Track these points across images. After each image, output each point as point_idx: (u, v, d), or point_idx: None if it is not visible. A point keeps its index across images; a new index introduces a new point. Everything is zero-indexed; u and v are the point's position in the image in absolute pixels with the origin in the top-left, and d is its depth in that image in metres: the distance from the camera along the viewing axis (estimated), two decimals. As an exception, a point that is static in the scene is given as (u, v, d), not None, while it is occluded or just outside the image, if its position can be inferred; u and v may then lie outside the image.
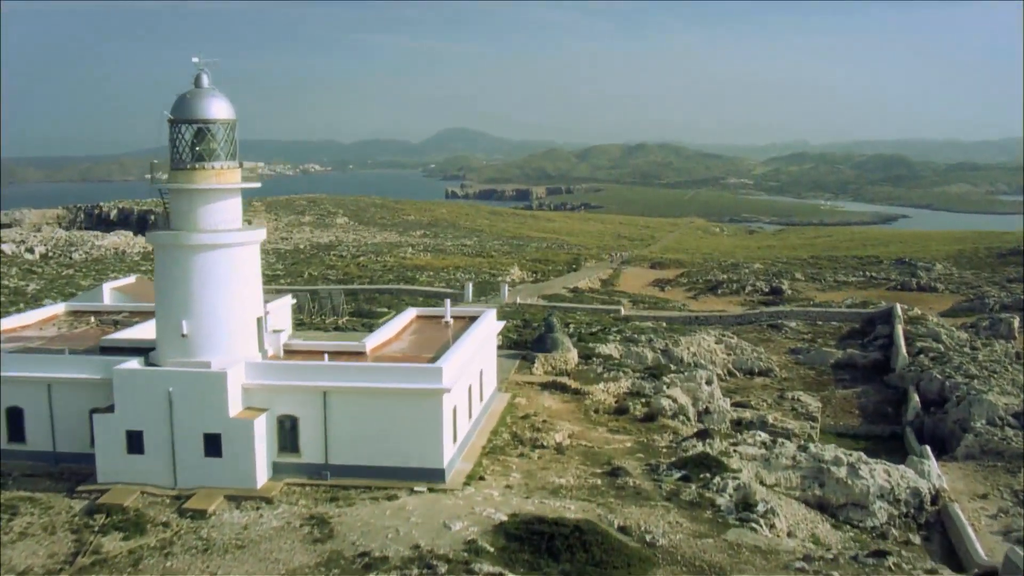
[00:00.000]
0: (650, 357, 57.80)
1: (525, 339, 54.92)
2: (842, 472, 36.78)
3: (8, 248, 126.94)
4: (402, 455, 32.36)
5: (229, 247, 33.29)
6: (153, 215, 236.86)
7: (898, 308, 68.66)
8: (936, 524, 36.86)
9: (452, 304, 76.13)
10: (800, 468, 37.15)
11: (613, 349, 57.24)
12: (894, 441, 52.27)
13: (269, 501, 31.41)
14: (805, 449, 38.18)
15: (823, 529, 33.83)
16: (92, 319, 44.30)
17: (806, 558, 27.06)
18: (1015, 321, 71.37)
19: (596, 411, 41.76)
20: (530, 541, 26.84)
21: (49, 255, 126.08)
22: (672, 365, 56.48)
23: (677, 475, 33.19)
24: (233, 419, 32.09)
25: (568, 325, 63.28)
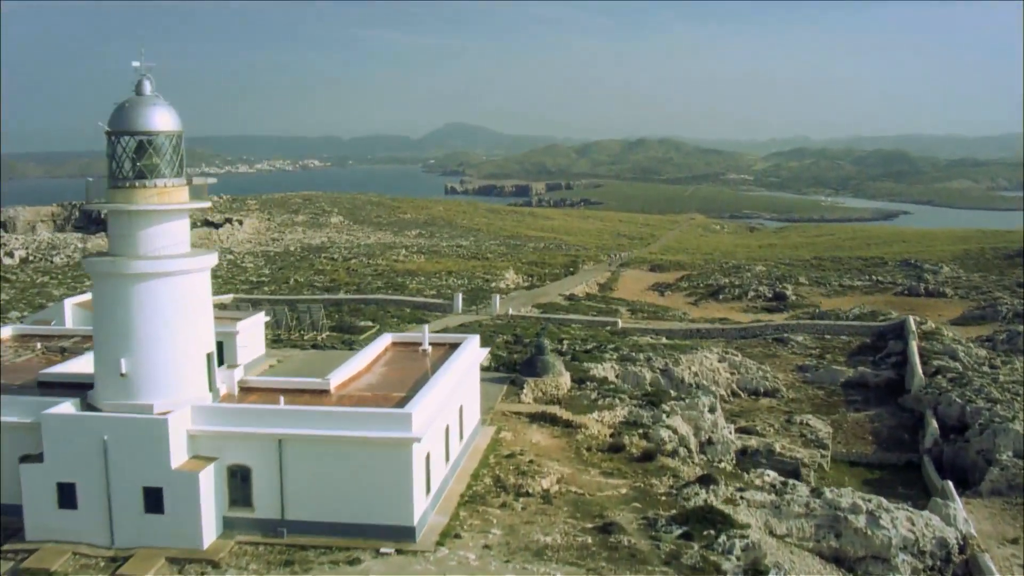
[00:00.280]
0: (649, 377, 54.17)
1: (515, 360, 51.20)
2: (861, 521, 33.14)
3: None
4: (367, 511, 28.68)
5: (174, 275, 29.55)
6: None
7: (911, 322, 64.88)
8: (964, 577, 33.28)
9: (441, 315, 72.92)
10: (814, 516, 33.49)
11: (609, 369, 53.58)
12: (910, 471, 48.65)
13: (216, 564, 27.74)
14: (819, 495, 34.49)
15: (841, 589, 30.27)
16: (39, 345, 40.58)
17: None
18: (1033, 333, 67.72)
19: (588, 448, 38.06)
20: (508, 623, 23.28)
21: (29, 259, 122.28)
22: (672, 390, 52.82)
23: (677, 532, 29.52)
24: (176, 471, 28.39)
25: (562, 341, 59.64)
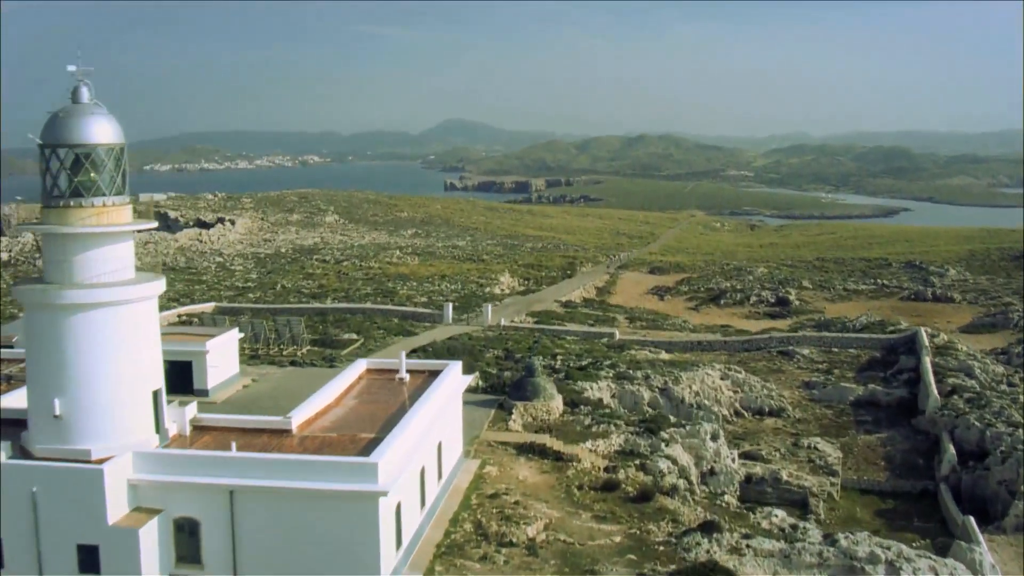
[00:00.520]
0: (647, 397, 51.04)
1: (505, 381, 48.06)
2: (879, 572, 30.01)
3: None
4: (330, 570, 25.55)
5: (115, 305, 26.43)
6: (137, 213, 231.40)
7: (923, 334, 61.67)
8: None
9: (430, 326, 69.73)
10: (827, 566, 30.37)
11: (605, 389, 50.43)
12: (926, 500, 45.53)
13: (158, 632, 24.70)
14: (833, 542, 31.36)
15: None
16: (-16, 371, 37.50)
17: None
18: (1050, 346, 64.60)
19: (580, 486, 34.89)
20: None
21: (13, 262, 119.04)
22: (672, 411, 49.76)
23: (677, 592, 26.41)
24: (113, 527, 25.27)
25: (555, 357, 56.51)
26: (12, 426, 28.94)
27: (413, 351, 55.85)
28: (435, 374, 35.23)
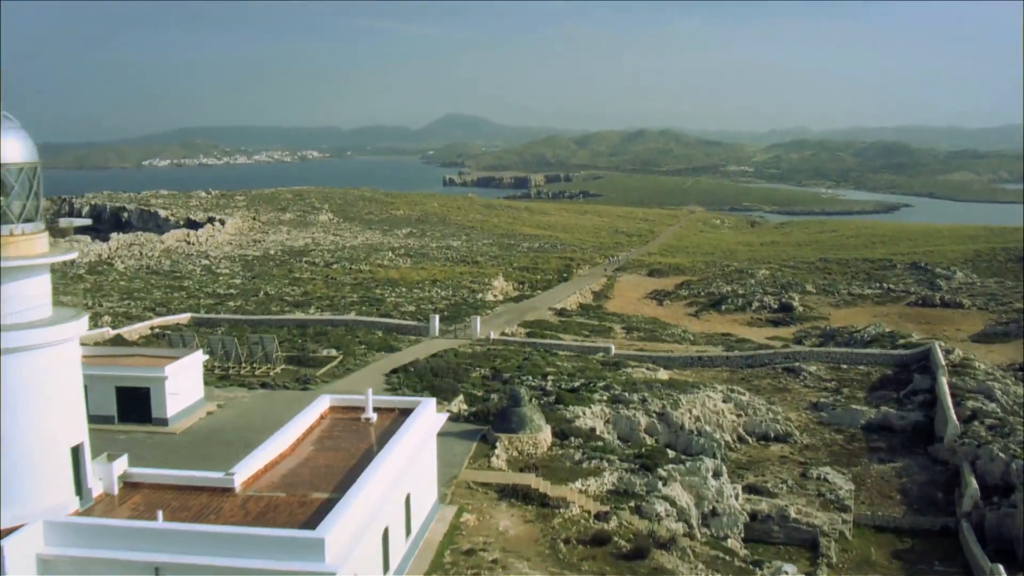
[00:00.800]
0: (644, 423, 47.44)
1: (490, 407, 44.46)
2: (905, 646, 26.45)
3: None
4: (271, 660, 22.00)
5: (25, 351, 22.83)
6: (127, 212, 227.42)
7: (938, 350, 57.97)
8: None
9: (415, 340, 66.03)
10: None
11: (598, 414, 46.86)
12: (947, 537, 41.98)
13: None
14: (852, 610, 27.80)
15: None
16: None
17: None
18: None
19: (567, 540, 31.27)
20: None
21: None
22: (671, 440, 46.26)
23: None
24: (17, 614, 21.72)
25: (546, 376, 52.89)
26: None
27: (394, 371, 52.34)
28: (406, 413, 31.64)
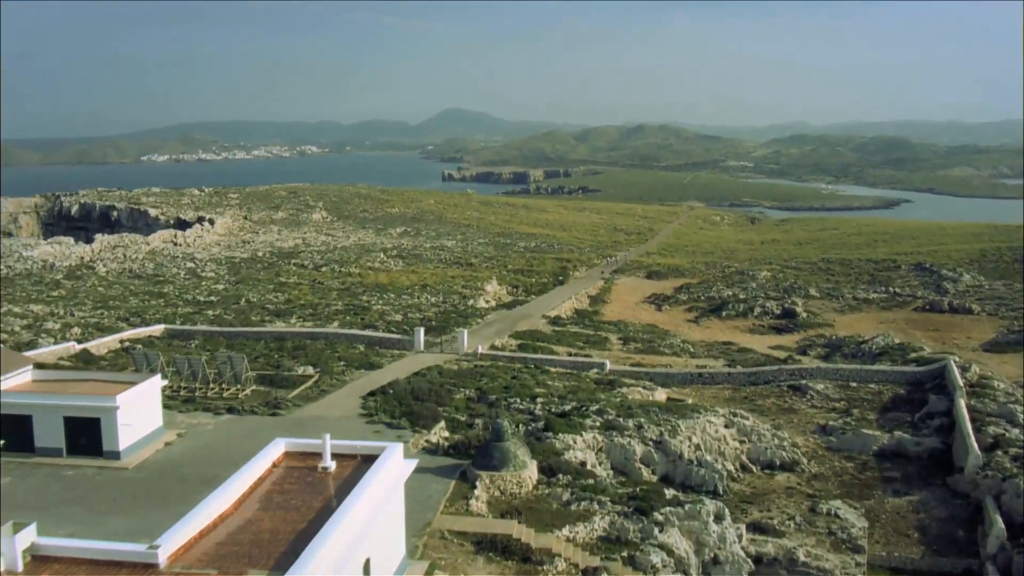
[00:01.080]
0: (639, 452, 43.88)
1: (471, 438, 40.84)
2: None
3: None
4: None
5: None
6: (116, 211, 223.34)
7: (953, 368, 54.33)
8: None
9: (398, 355, 62.40)
10: None
11: (590, 443, 43.29)
12: (969, 581, 38.46)
13: None
14: None
15: None
16: None
17: None
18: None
19: (551, 605, 27.79)
20: None
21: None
22: (668, 471, 42.70)
23: None
24: None
25: (535, 399, 49.30)
26: None
27: (371, 393, 48.76)
28: (370, 460, 28.06)
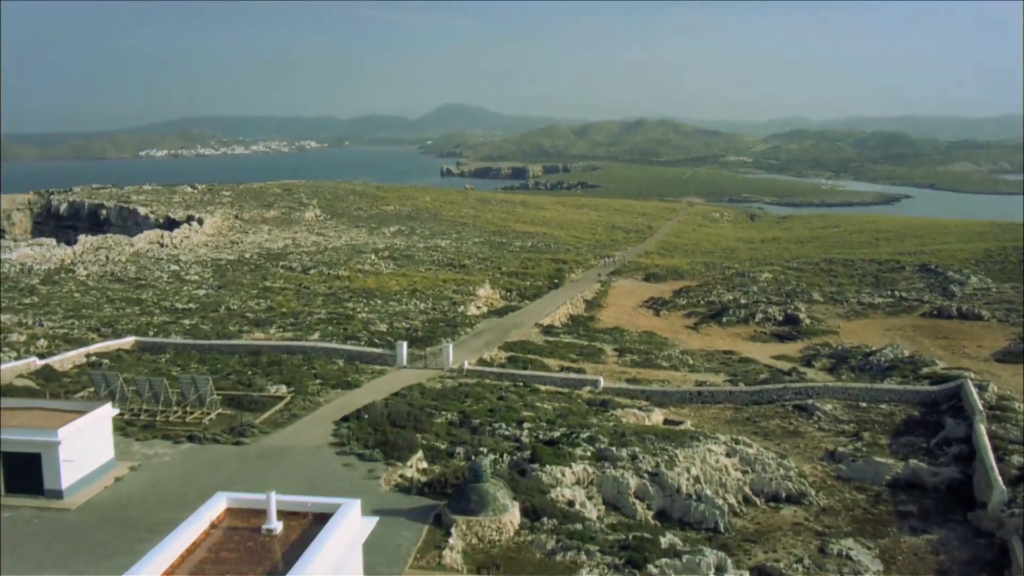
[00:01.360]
0: (633, 485, 40.37)
1: (447, 476, 37.27)
2: None
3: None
4: None
5: None
6: (105, 210, 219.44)
7: (971, 389, 50.68)
8: None
9: (379, 370, 58.83)
10: None
11: (580, 475, 39.80)
12: (995, 634, 35.02)
13: None
14: None
15: None
16: None
17: None
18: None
19: None
20: None
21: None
22: (665, 506, 39.19)
23: None
24: None
25: (522, 424, 45.78)
26: None
27: (345, 419, 45.15)
28: (322, 520, 24.53)
